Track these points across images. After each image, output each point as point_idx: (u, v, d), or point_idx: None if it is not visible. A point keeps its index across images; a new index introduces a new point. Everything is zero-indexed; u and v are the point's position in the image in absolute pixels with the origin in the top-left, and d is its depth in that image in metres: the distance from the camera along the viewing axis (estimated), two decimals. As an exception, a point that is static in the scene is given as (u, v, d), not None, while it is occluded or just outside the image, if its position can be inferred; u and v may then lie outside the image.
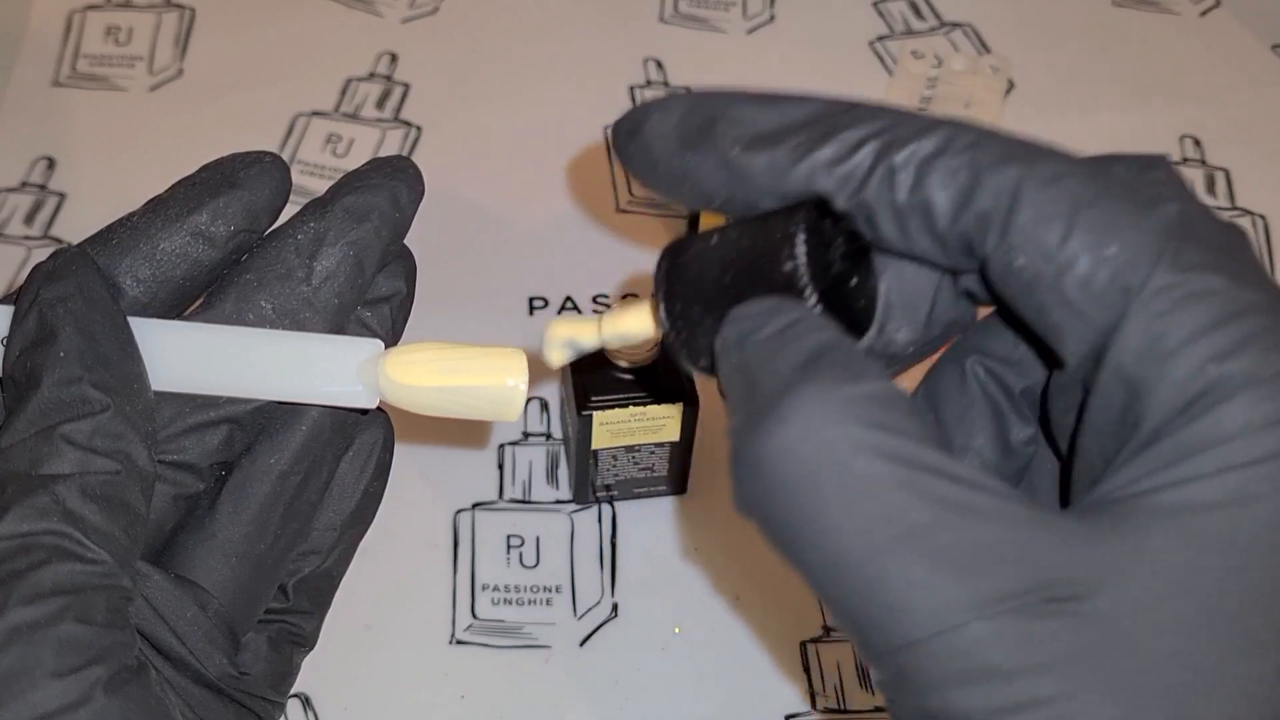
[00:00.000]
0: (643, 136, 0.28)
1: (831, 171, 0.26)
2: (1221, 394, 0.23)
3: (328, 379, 0.30)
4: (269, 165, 0.31)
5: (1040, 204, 0.24)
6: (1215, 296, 0.23)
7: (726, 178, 0.27)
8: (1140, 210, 0.24)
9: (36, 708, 0.24)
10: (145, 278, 0.30)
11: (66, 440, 0.27)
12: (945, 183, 0.25)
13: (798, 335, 0.25)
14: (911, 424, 0.23)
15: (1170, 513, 0.23)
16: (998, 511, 0.23)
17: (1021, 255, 0.24)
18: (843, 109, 0.27)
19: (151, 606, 0.28)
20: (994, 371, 0.30)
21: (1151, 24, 0.68)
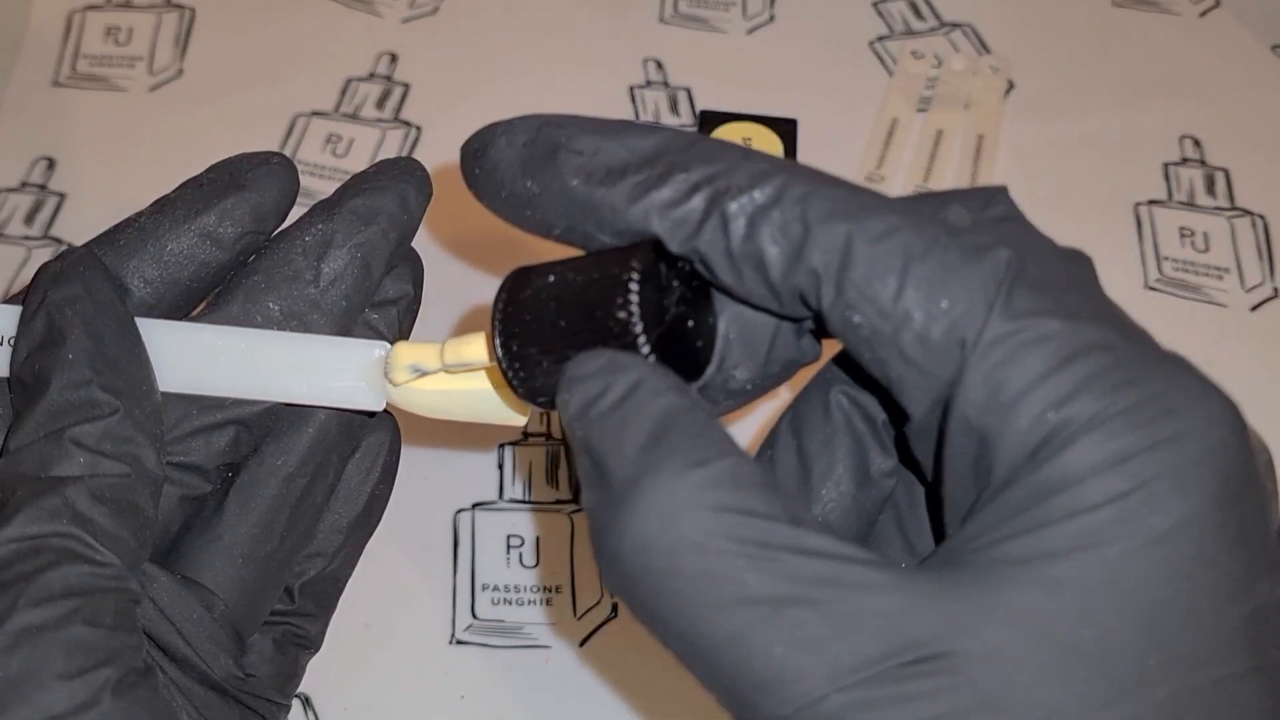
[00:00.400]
0: (487, 160, 0.28)
1: (667, 215, 0.26)
2: (1064, 439, 0.23)
3: (334, 381, 0.30)
4: (276, 166, 0.31)
5: (871, 260, 0.24)
6: (1050, 340, 0.23)
7: (566, 209, 0.27)
8: (971, 259, 0.24)
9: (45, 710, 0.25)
10: (152, 279, 0.30)
11: (75, 443, 0.27)
12: (776, 237, 0.25)
13: (638, 405, 0.25)
14: (763, 499, 0.23)
15: (1021, 562, 0.23)
16: (851, 580, 0.23)
17: (857, 312, 0.24)
18: (684, 146, 0.26)
19: (158, 608, 0.28)
20: (857, 401, 0.30)
21: (1151, 24, 0.68)
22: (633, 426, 0.24)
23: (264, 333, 0.30)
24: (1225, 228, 0.60)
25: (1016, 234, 0.26)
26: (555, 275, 0.27)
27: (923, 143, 0.62)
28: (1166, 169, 0.62)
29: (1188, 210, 0.61)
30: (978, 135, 0.62)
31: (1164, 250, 0.59)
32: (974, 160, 0.61)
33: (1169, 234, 0.60)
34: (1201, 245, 0.59)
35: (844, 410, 0.30)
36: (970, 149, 0.61)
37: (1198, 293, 0.58)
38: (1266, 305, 0.57)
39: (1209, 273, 0.58)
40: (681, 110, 0.64)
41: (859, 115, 0.63)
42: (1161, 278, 0.58)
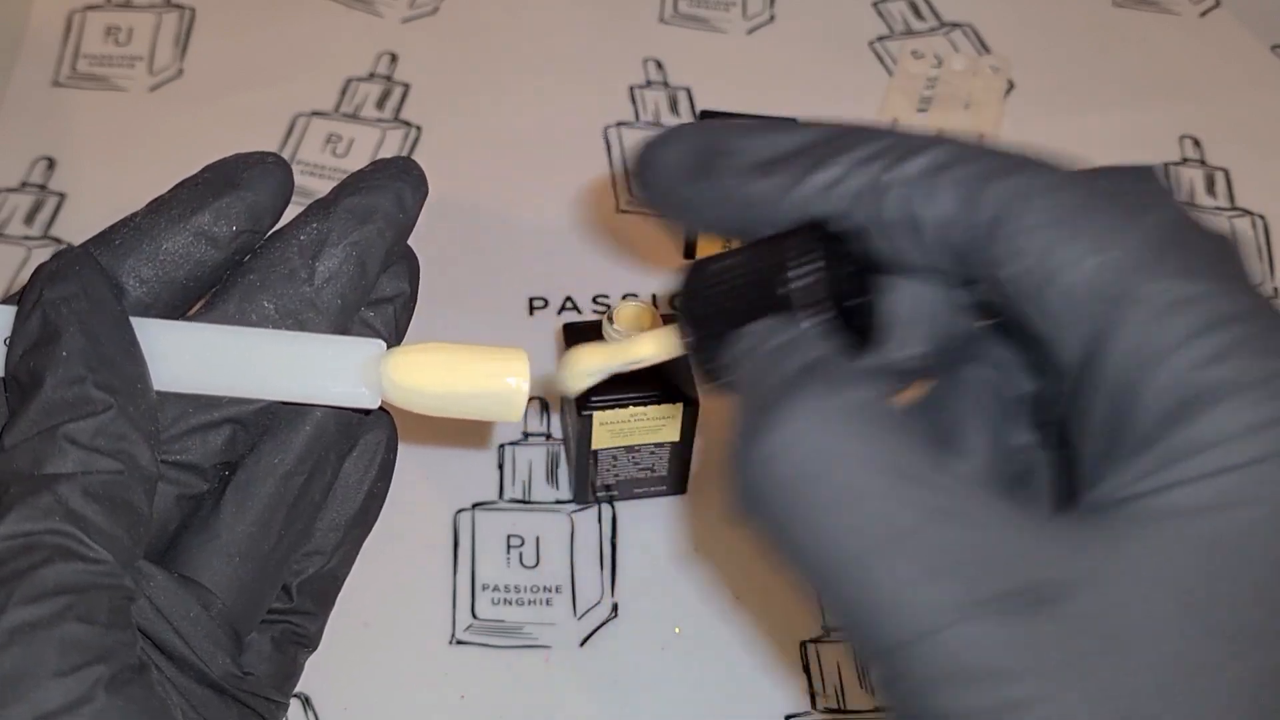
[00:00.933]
0: (654, 170, 0.30)
1: (828, 195, 0.27)
2: (1207, 400, 0.23)
3: (330, 379, 0.30)
4: (271, 166, 0.31)
5: (1027, 214, 0.25)
6: (1199, 303, 0.23)
7: (729, 207, 0.28)
8: (1126, 219, 0.24)
9: (39, 707, 0.24)
10: (148, 278, 0.30)
11: (69, 440, 0.27)
12: (939, 200, 0.26)
13: (791, 352, 0.26)
14: (895, 432, 0.24)
15: (1155, 517, 0.23)
16: (981, 516, 0.23)
17: (1008, 266, 0.25)
18: (839, 133, 0.27)
19: (154, 606, 0.28)
20: (993, 377, 0.30)
21: (1151, 24, 0.68)
22: (786, 363, 0.26)
23: (260, 331, 0.30)
24: (1225, 228, 0.60)
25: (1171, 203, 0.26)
26: (724, 265, 0.28)
27: (923, 143, 0.62)
28: (1166, 169, 0.62)
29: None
30: (978, 135, 0.62)
31: (1164, 250, 0.59)
32: (974, 160, 0.61)
33: (1169, 234, 0.60)
34: (1202, 245, 0.59)
35: (979, 386, 0.30)
36: (970, 149, 0.61)
37: (1198, 293, 0.58)
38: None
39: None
40: (681, 110, 0.64)
41: (859, 115, 0.63)
42: (1161, 278, 0.58)
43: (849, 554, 0.23)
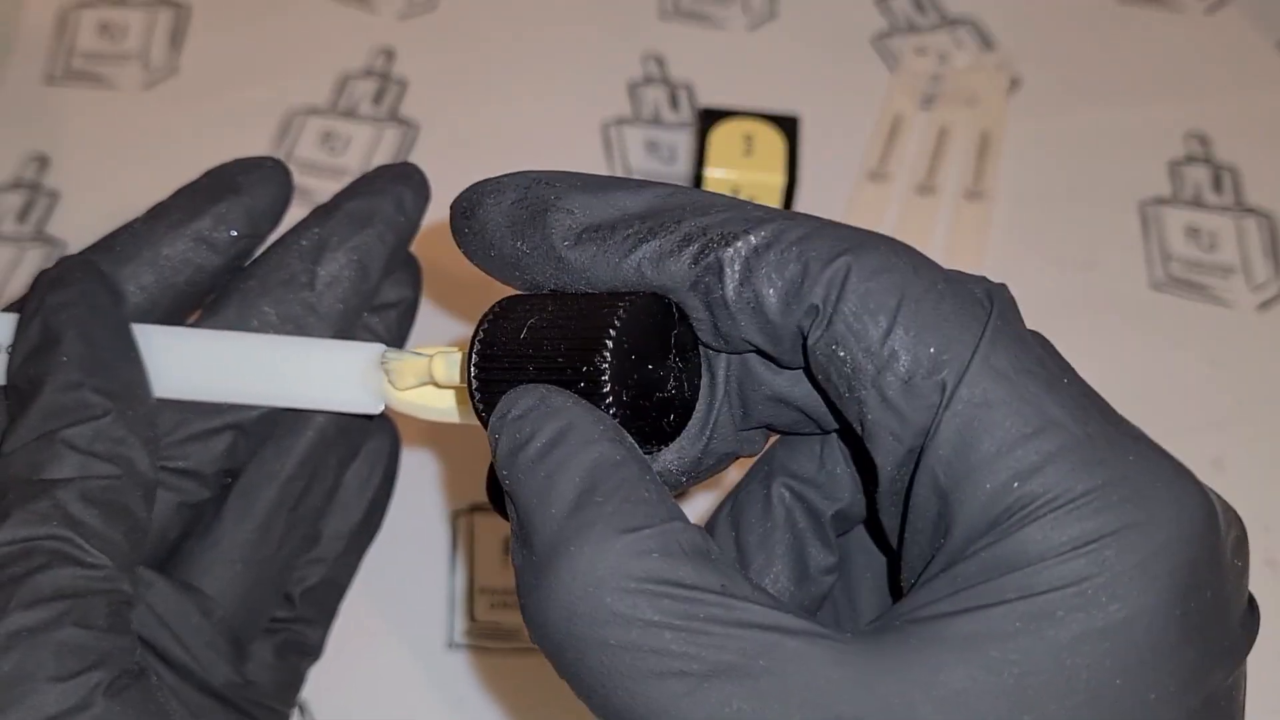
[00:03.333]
0: (476, 220, 0.28)
1: (660, 267, 0.25)
2: (1027, 514, 0.22)
3: (331, 384, 0.30)
4: (271, 170, 0.31)
5: (865, 295, 0.24)
6: (1025, 404, 0.23)
7: (555, 270, 0.26)
8: (962, 307, 0.23)
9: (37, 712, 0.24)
10: (148, 284, 0.30)
11: (68, 445, 0.27)
12: (774, 277, 0.25)
13: (567, 456, 0.24)
14: (692, 570, 0.23)
15: (966, 640, 0.22)
16: (782, 652, 0.22)
17: (844, 348, 0.24)
18: (676, 200, 0.26)
19: (155, 614, 0.28)
20: (800, 494, 0.29)
21: (1157, 21, 0.68)
22: (560, 481, 0.24)
23: (260, 337, 0.30)
24: (1232, 227, 0.59)
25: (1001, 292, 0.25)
26: (541, 310, 0.27)
27: (926, 140, 0.61)
28: (1172, 167, 0.62)
29: (1194, 209, 0.60)
30: (982, 133, 0.61)
31: (1170, 249, 0.59)
32: (978, 158, 0.60)
33: (1175, 233, 0.59)
34: (1208, 244, 0.59)
35: (785, 504, 0.29)
36: (974, 146, 0.61)
37: (1204, 292, 0.57)
38: (1273, 304, 0.57)
39: (1215, 272, 0.58)
40: (682, 107, 0.63)
41: (862, 112, 0.63)
42: (1167, 277, 0.57)
43: (647, 707, 0.22)
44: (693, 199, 0.26)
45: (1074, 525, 0.22)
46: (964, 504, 0.23)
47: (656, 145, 0.61)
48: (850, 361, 0.24)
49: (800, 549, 0.29)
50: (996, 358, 0.23)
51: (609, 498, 0.23)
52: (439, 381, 0.29)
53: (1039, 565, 0.22)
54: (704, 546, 0.23)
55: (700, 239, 0.25)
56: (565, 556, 0.23)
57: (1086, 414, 0.23)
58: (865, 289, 0.24)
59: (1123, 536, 0.22)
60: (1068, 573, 0.22)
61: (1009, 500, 0.22)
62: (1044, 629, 0.22)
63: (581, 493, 0.24)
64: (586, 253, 0.26)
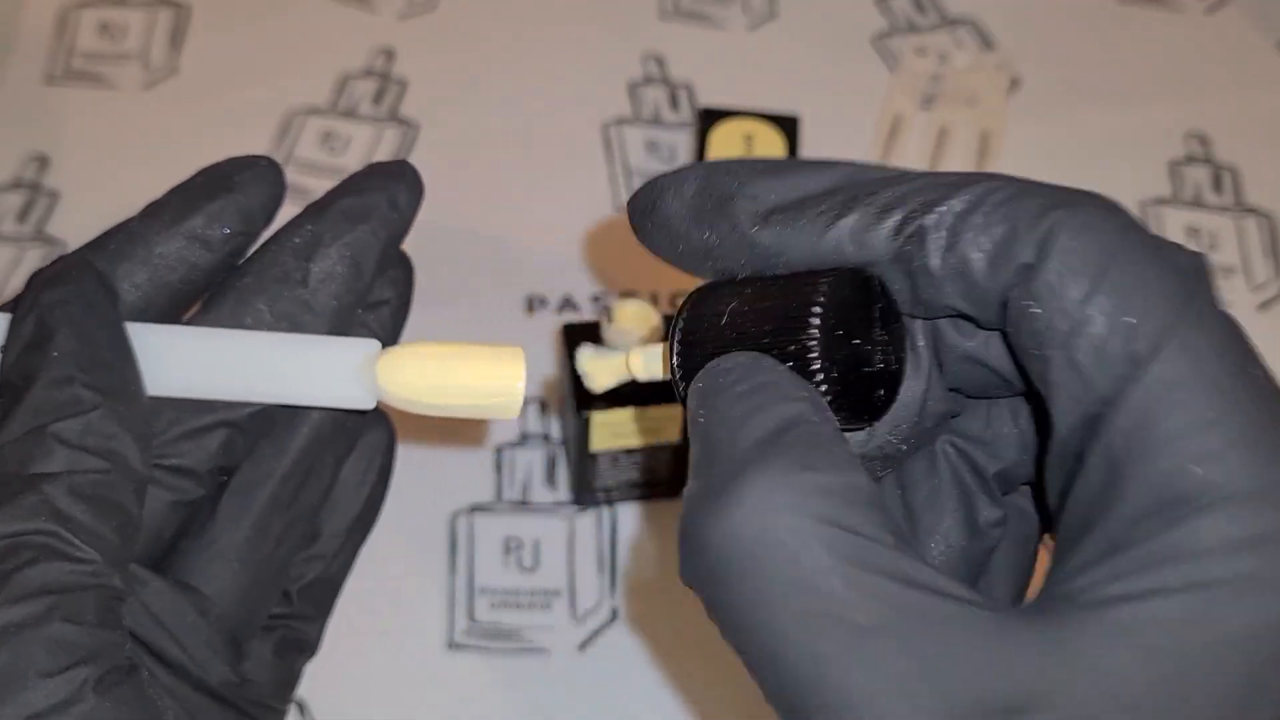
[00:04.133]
0: (659, 215, 0.27)
1: (861, 240, 0.25)
2: (1203, 502, 0.22)
3: (325, 380, 0.30)
4: (264, 169, 0.32)
5: (1070, 254, 0.23)
6: (1215, 388, 0.22)
7: (749, 255, 0.26)
8: (1166, 276, 0.23)
9: (26, 708, 0.24)
10: (142, 282, 0.30)
11: (58, 439, 0.27)
12: (981, 240, 0.24)
13: (766, 403, 0.24)
14: (869, 520, 0.22)
15: (1127, 625, 0.22)
16: (947, 618, 0.22)
17: (1041, 304, 0.23)
18: (866, 175, 0.26)
19: (150, 613, 0.28)
20: (965, 452, 0.29)
21: (1157, 21, 0.68)
22: (755, 419, 0.24)
23: (254, 334, 0.30)
24: (1232, 227, 0.59)
25: (1207, 270, 0.24)
26: (739, 295, 0.26)
27: (926, 140, 0.61)
28: (1172, 167, 0.62)
29: (1194, 209, 0.60)
30: (982, 132, 0.61)
31: (1170, 249, 0.58)
32: (978, 158, 0.60)
33: (1175, 233, 0.59)
34: (1208, 244, 0.59)
35: (951, 461, 0.29)
36: (974, 146, 0.61)
37: (1205, 292, 0.57)
38: (1274, 304, 0.57)
39: (1216, 272, 0.58)
40: (682, 107, 0.63)
41: (862, 112, 0.63)
42: (1168, 277, 0.57)
43: (800, 650, 0.22)
44: (884, 172, 0.26)
45: (1249, 520, 0.21)
46: (1137, 479, 0.22)
47: (656, 145, 0.61)
48: (1044, 318, 0.23)
49: (969, 504, 0.29)
50: (1193, 337, 0.22)
51: (801, 440, 0.23)
52: (639, 377, 0.30)
53: (1209, 557, 0.21)
54: (882, 503, 0.23)
55: (901, 208, 0.25)
56: (746, 480, 0.22)
57: (1275, 406, 0.22)
58: (1071, 247, 0.23)
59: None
60: (1239, 568, 0.21)
61: (1185, 484, 0.22)
62: (1210, 623, 0.21)
63: (775, 432, 0.23)
64: (779, 234, 0.26)
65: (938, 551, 0.29)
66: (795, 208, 0.26)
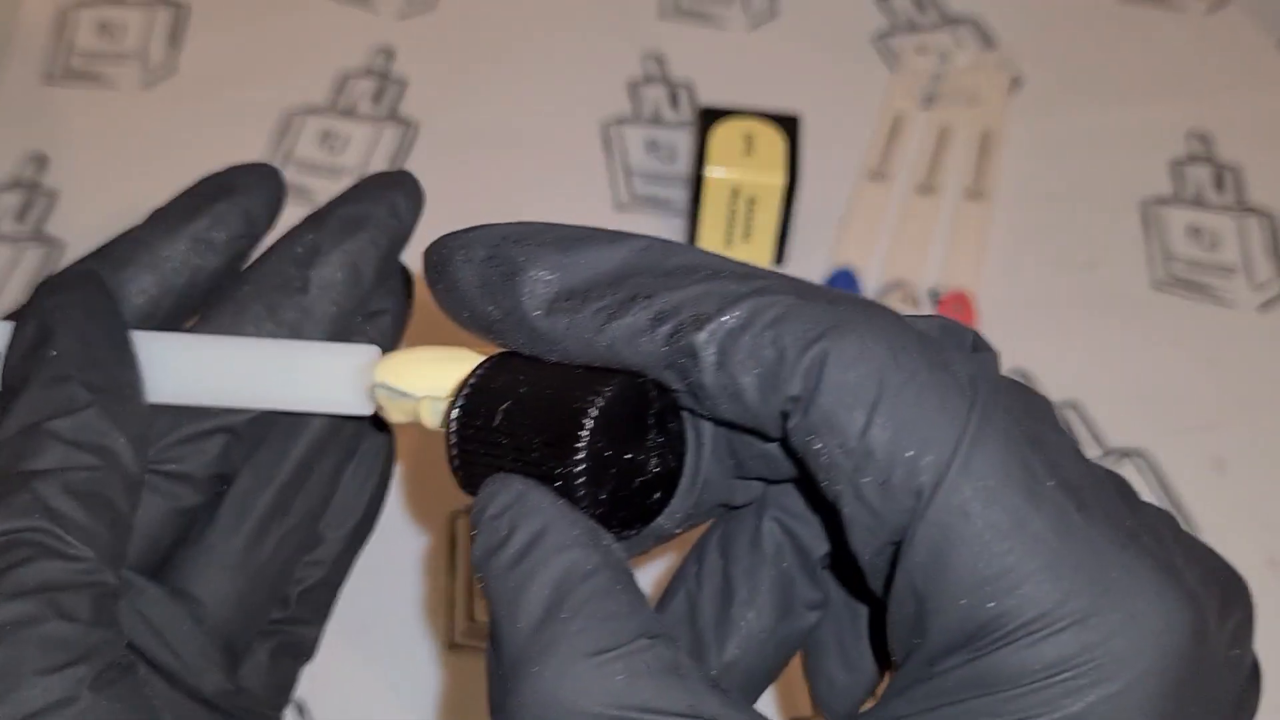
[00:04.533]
0: (447, 277, 0.27)
1: (634, 345, 0.24)
2: (1003, 635, 0.22)
3: (323, 387, 0.30)
4: (264, 174, 0.32)
5: (842, 388, 0.22)
6: (1005, 516, 0.22)
7: (529, 339, 0.26)
8: (943, 401, 0.22)
9: (22, 707, 0.24)
10: (147, 287, 0.30)
11: (52, 436, 0.27)
12: (748, 364, 0.23)
13: (539, 563, 0.24)
14: (658, 692, 0.22)
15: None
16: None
17: (820, 440, 0.23)
18: (651, 264, 0.25)
19: (145, 620, 0.28)
20: (790, 530, 0.29)
21: (1158, 20, 0.68)
22: (529, 591, 0.23)
23: (253, 340, 0.30)
24: (1233, 226, 0.59)
25: (988, 373, 0.24)
26: (514, 392, 0.26)
27: (927, 139, 0.61)
28: (1174, 166, 0.61)
29: (1196, 208, 0.60)
30: (983, 132, 0.61)
31: (1172, 249, 0.58)
32: (978, 157, 0.60)
33: (1177, 233, 0.59)
34: (1209, 244, 0.59)
35: (775, 540, 0.29)
36: (975, 146, 0.61)
37: (1205, 292, 0.57)
38: (1275, 304, 0.57)
39: (1217, 272, 0.58)
40: (682, 106, 0.63)
41: (862, 111, 0.63)
42: (1169, 277, 0.57)
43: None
44: (669, 261, 0.25)
45: (1049, 649, 0.21)
46: (940, 614, 0.22)
47: (656, 145, 0.61)
48: (827, 454, 0.23)
49: (786, 584, 0.29)
50: (976, 462, 0.22)
51: (576, 613, 0.23)
52: (426, 425, 0.29)
53: (1015, 689, 0.21)
54: (673, 662, 0.23)
55: (673, 318, 0.24)
56: (528, 677, 0.23)
57: (1068, 524, 0.22)
58: (841, 381, 0.22)
59: (1099, 663, 0.21)
60: (1043, 699, 0.21)
61: (984, 618, 0.22)
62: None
63: (549, 608, 0.23)
64: (559, 324, 0.25)
65: (749, 629, 0.29)
66: (577, 298, 0.25)
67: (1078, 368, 0.54)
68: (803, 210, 0.56)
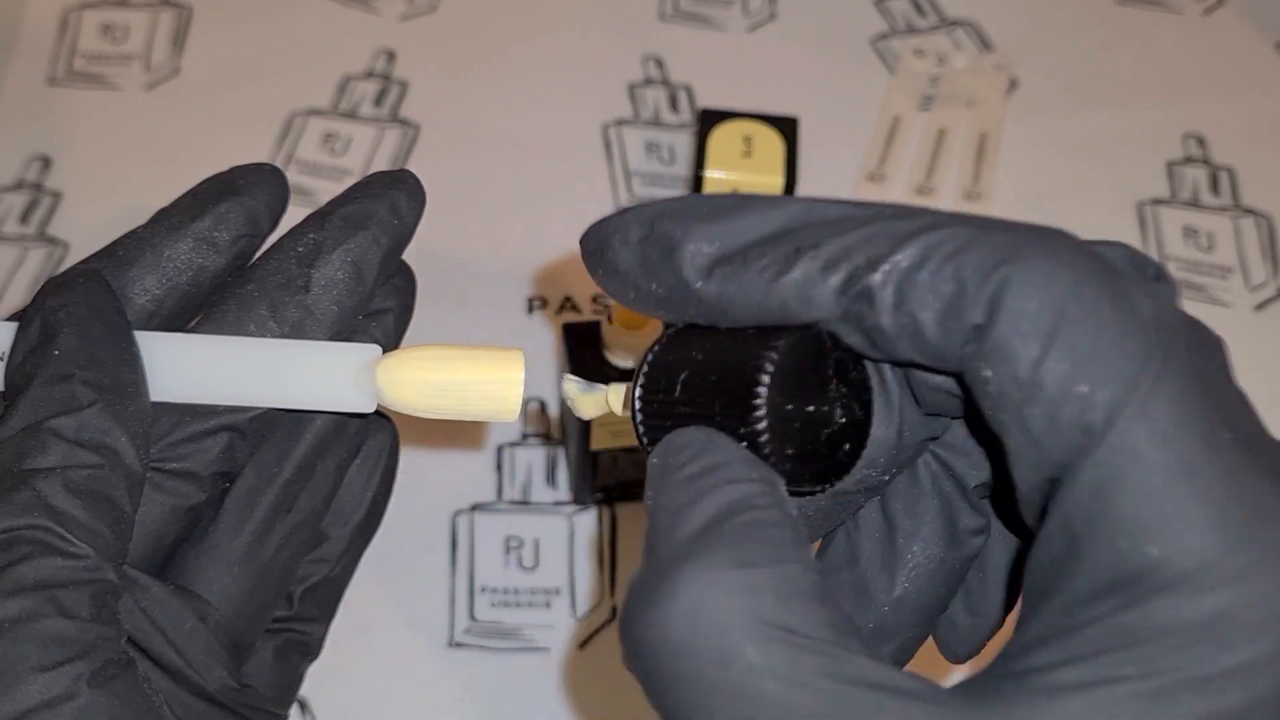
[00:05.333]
0: (607, 261, 0.27)
1: (806, 297, 0.24)
2: (1155, 584, 0.21)
3: (326, 385, 0.30)
4: (268, 174, 0.32)
5: (1019, 316, 0.22)
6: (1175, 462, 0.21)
7: (697, 307, 0.25)
8: (1122, 335, 0.22)
9: (21, 703, 0.24)
10: (151, 286, 0.30)
11: (54, 434, 0.27)
12: (929, 300, 0.23)
13: (710, 487, 0.24)
14: (806, 616, 0.22)
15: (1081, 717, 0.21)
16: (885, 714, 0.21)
17: (991, 368, 0.22)
18: (812, 218, 0.25)
19: (149, 618, 0.28)
20: (946, 462, 0.28)
21: (1155, 22, 0.68)
22: (697, 505, 0.23)
23: (256, 340, 0.30)
24: (1229, 227, 0.60)
25: (1171, 312, 0.23)
26: (691, 364, 0.26)
27: (925, 141, 0.61)
28: (1170, 168, 0.62)
29: (1191, 209, 0.60)
30: (980, 134, 0.61)
31: (1168, 249, 0.59)
32: (976, 159, 0.61)
33: (1173, 233, 0.59)
34: (1205, 245, 0.59)
35: (932, 471, 0.28)
36: (973, 147, 0.61)
37: (1201, 293, 0.57)
38: (1271, 305, 0.57)
39: (1213, 272, 0.58)
40: (681, 108, 0.63)
41: (861, 113, 0.63)
42: (1165, 277, 0.58)
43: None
44: (828, 212, 0.24)
45: (1204, 603, 0.20)
46: (1093, 555, 0.21)
47: (656, 146, 0.62)
48: (996, 383, 0.22)
49: (948, 513, 0.28)
50: (1152, 406, 0.21)
51: (739, 531, 0.23)
52: (618, 414, 0.29)
53: (1164, 642, 0.21)
54: (821, 592, 0.22)
55: (845, 264, 0.23)
56: (676, 579, 0.22)
57: (1240, 476, 0.21)
58: (1020, 309, 0.22)
59: (1254, 621, 0.20)
60: (1196, 655, 0.20)
61: (1140, 563, 0.21)
62: (1165, 710, 0.20)
63: (713, 521, 0.23)
64: (726, 289, 0.25)
65: (916, 560, 0.28)
66: (739, 259, 0.25)
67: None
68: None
